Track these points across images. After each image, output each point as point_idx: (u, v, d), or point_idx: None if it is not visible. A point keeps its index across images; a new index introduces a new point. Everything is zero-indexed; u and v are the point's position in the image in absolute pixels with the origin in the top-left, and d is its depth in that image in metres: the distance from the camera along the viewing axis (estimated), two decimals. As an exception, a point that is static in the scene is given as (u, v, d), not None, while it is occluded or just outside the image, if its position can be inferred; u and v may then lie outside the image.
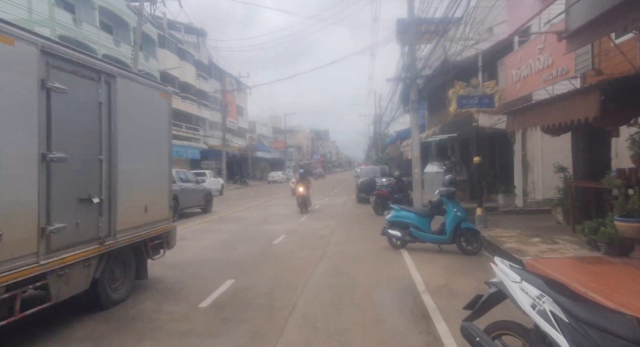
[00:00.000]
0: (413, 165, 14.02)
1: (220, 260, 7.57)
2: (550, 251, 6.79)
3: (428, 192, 15.05)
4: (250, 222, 13.09)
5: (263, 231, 11.02)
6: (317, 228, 11.45)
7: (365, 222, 12.45)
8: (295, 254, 8.05)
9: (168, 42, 40.19)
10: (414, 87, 13.43)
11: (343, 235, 10.23)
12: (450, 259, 7.24)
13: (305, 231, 10.93)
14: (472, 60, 13.02)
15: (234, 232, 10.90)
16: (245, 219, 13.80)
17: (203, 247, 8.81)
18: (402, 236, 8.11)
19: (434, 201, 8.27)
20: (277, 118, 74.46)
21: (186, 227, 12.11)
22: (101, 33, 29.29)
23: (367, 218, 13.47)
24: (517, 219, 11.14)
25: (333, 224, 12.24)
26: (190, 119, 45.23)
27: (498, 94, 9.44)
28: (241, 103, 62.17)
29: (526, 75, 8.57)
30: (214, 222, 13.20)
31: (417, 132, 13.83)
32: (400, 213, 8.28)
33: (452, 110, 9.66)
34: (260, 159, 62.55)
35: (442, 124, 13.57)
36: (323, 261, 7.36)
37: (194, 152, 36.27)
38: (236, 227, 11.83)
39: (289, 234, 10.49)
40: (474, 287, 5.45)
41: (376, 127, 46.67)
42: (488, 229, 9.34)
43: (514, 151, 13.37)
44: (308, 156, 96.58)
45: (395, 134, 31.69)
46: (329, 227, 11.60)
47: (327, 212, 15.59)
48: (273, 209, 17.44)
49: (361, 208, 16.49)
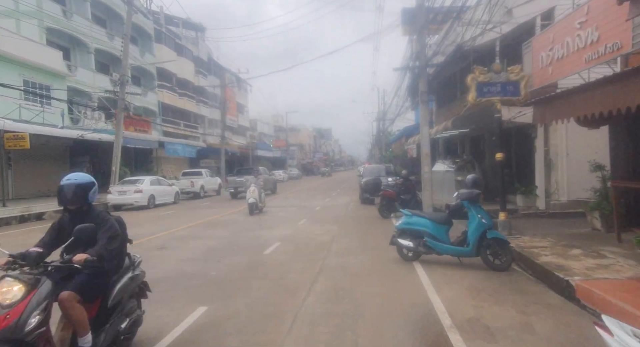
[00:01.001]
0: (422, 164, 12.73)
1: (197, 276, 6.32)
2: (601, 267, 5.50)
3: (437, 193, 13.79)
4: (242, 226, 11.84)
5: (255, 238, 9.77)
6: (316, 234, 10.19)
7: (370, 227, 11.18)
8: (288, 267, 6.80)
9: (165, 37, 38.94)
10: (423, 76, 12.13)
11: (345, 242, 8.96)
12: (474, 277, 5.97)
13: (302, 238, 9.67)
14: (489, 46, 11.71)
15: (222, 239, 9.65)
16: (237, 223, 12.56)
17: (182, 259, 7.57)
18: (415, 246, 6.84)
19: (453, 205, 7.01)
20: (280, 117, 73.22)
21: (171, 232, 10.88)
22: (94, 26, 28.12)
23: (372, 222, 12.20)
24: (542, 224, 9.86)
25: (334, 228, 10.98)
26: (188, 116, 44.03)
27: (525, 80, 8.13)
28: (242, 101, 60.94)
29: (561, 57, 7.28)
30: (203, 226, 11.96)
31: (426, 127, 12.54)
32: (412, 219, 7.01)
33: (470, 100, 8.37)
34: (262, 157, 61.26)
35: (454, 118, 12.27)
36: (321, 278, 6.10)
37: (190, 150, 35.05)
38: (226, 233, 10.58)
39: (284, 241, 9.24)
40: (516, 322, 4.18)
41: (380, 125, 45.33)
42: (513, 236, 8.06)
43: (534, 147, 12.06)
44: (310, 155, 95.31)
45: (401, 130, 30.38)
46: (329, 232, 10.34)
47: (328, 214, 14.32)
48: (271, 211, 16.19)
49: (365, 210, 15.23)
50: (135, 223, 12.69)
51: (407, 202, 13.19)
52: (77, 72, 26.43)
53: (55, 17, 24.29)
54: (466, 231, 6.61)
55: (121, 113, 20.30)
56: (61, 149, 23.95)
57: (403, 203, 13.15)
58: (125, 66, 20.32)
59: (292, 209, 16.44)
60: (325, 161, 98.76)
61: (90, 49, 28.03)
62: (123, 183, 19.27)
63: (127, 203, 18.54)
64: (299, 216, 14.12)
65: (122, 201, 18.39)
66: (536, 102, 8.16)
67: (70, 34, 26.17)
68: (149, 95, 35.10)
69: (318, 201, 19.75)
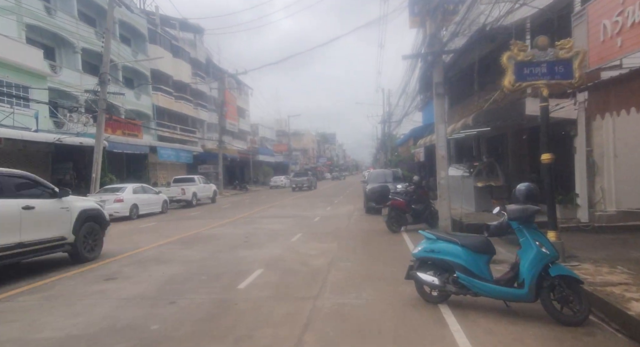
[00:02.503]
0: (438, 168, 10.75)
1: (129, 334, 4.38)
2: None
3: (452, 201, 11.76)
4: (224, 244, 9.91)
5: (234, 261, 7.83)
6: (310, 255, 8.24)
7: (377, 245, 9.21)
8: (264, 315, 4.85)
9: (160, 37, 37.34)
10: (438, 64, 10.19)
11: (345, 269, 7.00)
12: (535, 335, 4.01)
13: (292, 261, 7.72)
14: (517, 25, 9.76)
15: (191, 264, 7.72)
16: (220, 239, 10.63)
17: (125, 298, 5.64)
18: (442, 283, 4.88)
19: (495, 225, 5.06)
20: (283, 121, 71.46)
21: (136, 253, 8.97)
22: (81, 24, 26.50)
23: (380, 237, 10.23)
24: (592, 242, 7.88)
25: (333, 247, 9.03)
26: (186, 120, 42.32)
27: (579, 58, 6.16)
28: (243, 104, 59.30)
29: (637, 22, 5.33)
30: (179, 244, 10.04)
31: (443, 125, 10.58)
32: (437, 245, 5.05)
33: (507, 85, 6.42)
34: (263, 163, 59.50)
35: (475, 114, 10.31)
36: (308, 336, 4.16)
37: (185, 155, 33.24)
38: (200, 254, 8.65)
39: (269, 267, 7.29)
40: None
41: (385, 127, 43.37)
42: (568, 264, 6.07)
43: (574, 148, 10.07)
44: (314, 160, 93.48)
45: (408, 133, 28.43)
46: (327, 253, 8.39)
47: (328, 227, 12.36)
48: (263, 222, 14.25)
49: (371, 222, 13.26)
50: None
51: (419, 214, 11.22)
52: (62, 72, 24.75)
53: (36, 14, 22.67)
54: (517, 264, 4.65)
55: (102, 114, 18.51)
56: (41, 155, 22.20)
57: (415, 214, 11.18)
58: (106, 63, 18.57)
59: (287, 220, 14.50)
60: (329, 166, 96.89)
61: (77, 49, 26.40)
62: (103, 192, 17.43)
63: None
64: (294, 229, 12.18)
65: (100, 212, 16.48)
66: (595, 86, 6.21)
67: (55, 33, 24.55)
68: (142, 98, 33.43)
69: (318, 210, 17.81)
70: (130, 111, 31.47)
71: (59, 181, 23.39)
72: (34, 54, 21.21)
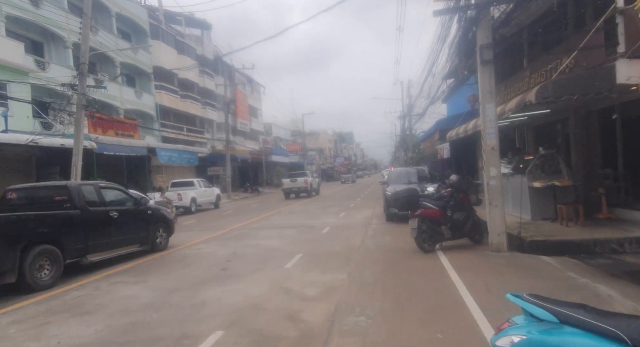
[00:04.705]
0: (486, 164, 7.84)
1: None
2: None
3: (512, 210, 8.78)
4: (194, 273, 7.24)
5: (185, 314, 5.12)
6: (304, 299, 5.48)
7: (406, 278, 6.34)
8: None
9: (163, 33, 35.21)
10: (484, 20, 7.30)
11: (358, 336, 4.20)
12: None
13: (274, 314, 4.96)
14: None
15: (120, 319, 5.04)
16: (193, 264, 7.96)
17: None
18: None
19: None
20: (299, 121, 68.85)
21: (60, 292, 6.37)
22: (71, 17, 24.41)
23: (408, 262, 7.35)
24: None
25: (341, 282, 6.23)
26: (193, 120, 40.13)
27: None
28: (255, 104, 57.02)
29: None
30: (128, 274, 7.43)
31: (492, 104, 7.66)
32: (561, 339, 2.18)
33: None
34: (277, 163, 57.01)
35: (541, 86, 7.33)
36: None
37: (189, 157, 30.89)
38: (148, 295, 5.98)
39: (233, 327, 4.56)
40: None
41: (404, 122, 40.21)
42: None
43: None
44: (331, 160, 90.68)
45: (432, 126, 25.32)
46: (330, 295, 5.60)
47: (337, 244, 9.57)
48: (259, 236, 11.57)
49: (394, 233, 10.41)
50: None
51: (460, 226, 8.30)
52: (50, 69, 22.63)
53: (19, 5, 20.63)
54: None
55: (80, 111, 16.16)
56: (23, 158, 20.11)
57: (454, 227, 8.25)
58: (85, 52, 16.18)
59: (289, 232, 11.79)
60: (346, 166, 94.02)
61: (68, 44, 24.34)
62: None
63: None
64: (293, 246, 9.44)
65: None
66: None
67: (42, 26, 22.50)
68: (144, 96, 31.31)
69: (329, 218, 15.03)
70: (130, 111, 29.38)
71: (45, 187, 21.35)
72: (12, 48, 19.14)
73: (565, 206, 8.62)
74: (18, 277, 6.24)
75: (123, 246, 8.78)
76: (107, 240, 8.23)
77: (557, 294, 4.96)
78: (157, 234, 9.73)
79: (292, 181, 29.05)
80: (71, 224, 7.52)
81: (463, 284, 5.60)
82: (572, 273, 5.83)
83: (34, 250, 6.54)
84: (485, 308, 4.62)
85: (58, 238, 7.10)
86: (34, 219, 6.98)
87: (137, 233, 9.14)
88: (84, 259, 7.65)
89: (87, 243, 7.72)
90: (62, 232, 7.25)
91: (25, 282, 6.35)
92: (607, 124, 9.54)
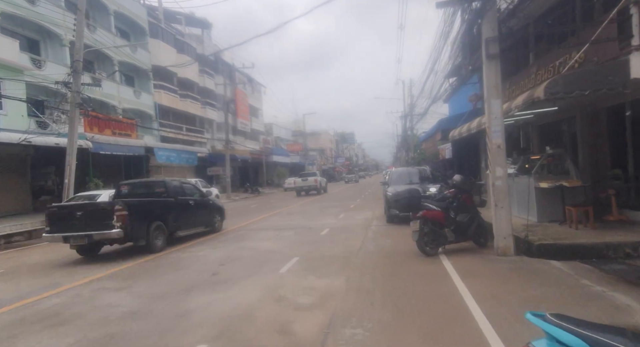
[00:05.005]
0: (492, 163, 7.45)
1: None
2: None
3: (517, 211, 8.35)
4: (182, 278, 6.86)
5: (169, 325, 4.73)
6: (298, 308, 5.10)
7: (407, 284, 5.95)
8: None
9: (163, 31, 34.87)
10: (490, 12, 6.90)
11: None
12: None
13: (264, 325, 4.58)
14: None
15: (100, 329, 4.66)
16: (182, 270, 7.58)
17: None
18: None
19: None
20: (301, 122, 68.40)
21: (45, 296, 6.01)
22: (68, 14, 24.05)
23: (410, 267, 6.96)
24: None
25: (339, 288, 5.85)
26: (193, 120, 39.77)
27: None
28: (256, 103, 56.65)
29: None
30: (117, 279, 7.05)
31: (498, 100, 7.27)
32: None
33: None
34: (278, 163, 56.61)
35: (550, 81, 6.94)
36: None
37: (188, 157, 30.52)
38: (131, 302, 5.61)
39: (219, 340, 4.18)
40: None
41: (406, 122, 39.81)
42: None
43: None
44: (332, 160, 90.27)
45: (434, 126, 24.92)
46: (326, 303, 5.22)
47: (336, 247, 9.20)
48: (255, 238, 11.20)
49: (394, 236, 10.03)
50: (15, 270, 7.96)
51: (464, 228, 7.91)
52: (47, 67, 22.29)
53: (14, 1, 20.28)
54: None
55: (74, 109, 15.83)
56: (19, 158, 19.79)
57: (458, 229, 7.86)
58: (80, 49, 15.85)
59: (287, 234, 11.41)
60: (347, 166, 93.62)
61: (64, 42, 23.99)
62: (71, 201, 14.67)
63: (74, 227, 13.94)
64: (290, 249, 9.07)
65: (67, 224, 13.79)
66: None
67: (38, 24, 22.17)
68: (143, 96, 30.98)
69: (328, 219, 14.65)
70: (129, 110, 29.05)
71: (41, 187, 21.00)
72: (7, 45, 18.81)
73: (574, 208, 8.22)
74: (146, 242, 9.09)
75: (196, 226, 11.34)
76: (188, 221, 10.88)
77: (572, 304, 4.58)
78: (215, 219, 12.36)
79: (303, 180, 32.30)
80: (169, 208, 10.17)
81: (468, 292, 5.22)
82: (586, 280, 5.44)
83: (153, 224, 9.34)
84: (493, 320, 4.24)
85: (164, 217, 9.84)
86: (152, 203, 9.87)
87: (204, 217, 11.82)
88: (175, 233, 10.33)
89: (178, 222, 10.43)
90: (166, 213, 9.97)
91: (150, 246, 9.15)
92: (617, 122, 9.14)
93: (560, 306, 4.56)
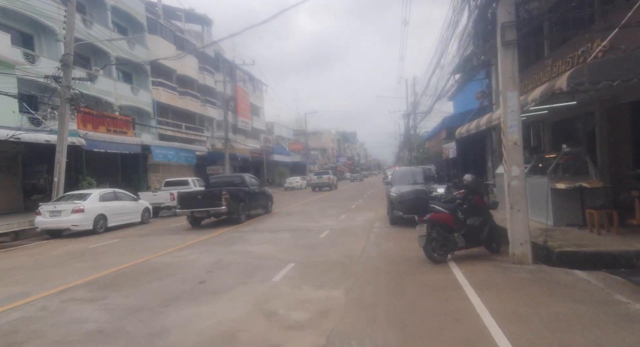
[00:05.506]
0: (508, 161, 6.76)
1: None
2: None
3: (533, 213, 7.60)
4: (166, 287, 6.20)
5: (140, 344, 4.09)
6: (289, 327, 4.43)
7: (414, 298, 5.26)
8: None
9: (162, 27, 34.24)
10: (508, -6, 6.21)
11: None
12: None
13: (253, 345, 3.93)
14: None
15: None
16: (168, 277, 6.92)
17: None
18: None
19: None
20: (303, 121, 67.74)
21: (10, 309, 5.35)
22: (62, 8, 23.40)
23: (416, 277, 6.27)
24: None
25: (337, 302, 5.18)
26: (193, 118, 39.12)
27: None
28: (257, 102, 56.00)
29: None
30: (89, 289, 6.40)
31: (515, 93, 6.58)
32: None
33: None
34: (279, 163, 55.97)
35: (574, 70, 6.25)
36: None
37: (187, 155, 29.88)
38: (100, 319, 4.94)
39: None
40: None
41: (409, 121, 39.07)
42: None
43: None
44: (334, 159, 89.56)
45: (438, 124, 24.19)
46: (322, 320, 4.55)
47: (335, 251, 8.53)
48: (250, 241, 10.53)
49: (398, 239, 9.35)
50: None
51: (475, 233, 7.20)
52: (41, 62, 21.66)
53: (5, -5, 19.67)
54: None
55: (64, 105, 15.22)
56: (9, 156, 19.18)
57: (469, 234, 7.17)
58: (70, 42, 15.24)
59: (283, 236, 10.75)
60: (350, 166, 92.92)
61: (59, 37, 23.31)
62: (62, 199, 14.08)
63: (62, 227, 13.33)
64: (286, 254, 8.40)
65: (55, 225, 13.17)
66: None
67: (32, 18, 21.56)
68: (140, 93, 30.36)
69: (329, 220, 13.97)
70: (126, 107, 28.44)
71: (32, 186, 20.39)
72: (0, 39, 18.21)
73: (596, 211, 7.52)
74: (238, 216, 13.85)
75: (258, 208, 16.21)
76: (254, 204, 15.65)
77: (609, 325, 3.89)
78: (269, 203, 17.36)
79: (318, 178, 38.25)
80: (245, 194, 14.72)
81: (485, 308, 4.54)
82: (620, 295, 4.75)
83: (240, 204, 14.06)
84: (518, 344, 3.57)
85: (244, 200, 14.40)
86: (239, 190, 14.43)
87: (262, 202, 16.62)
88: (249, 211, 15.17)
89: (250, 204, 15.06)
90: (245, 197, 14.53)
91: (239, 218, 13.91)
92: (637, 119, 8.45)
93: (595, 328, 3.88)
